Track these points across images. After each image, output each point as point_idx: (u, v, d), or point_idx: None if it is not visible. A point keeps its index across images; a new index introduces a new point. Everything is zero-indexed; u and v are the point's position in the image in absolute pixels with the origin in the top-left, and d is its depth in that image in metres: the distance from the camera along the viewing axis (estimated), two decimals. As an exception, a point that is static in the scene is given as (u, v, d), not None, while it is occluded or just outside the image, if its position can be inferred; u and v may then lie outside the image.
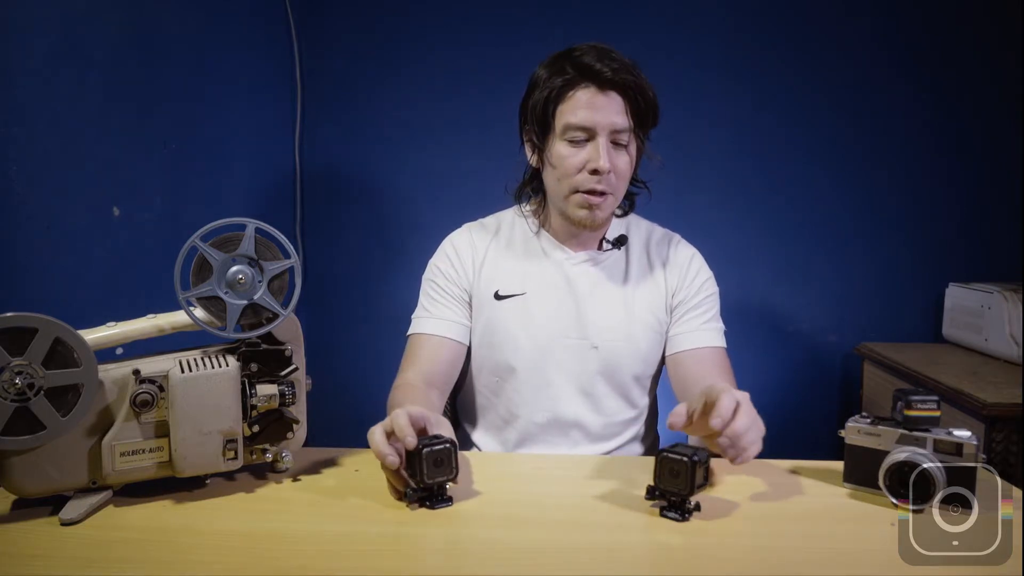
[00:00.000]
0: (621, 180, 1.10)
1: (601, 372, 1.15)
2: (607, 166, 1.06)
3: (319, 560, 0.68)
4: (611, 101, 1.06)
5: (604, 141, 1.06)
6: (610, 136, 1.07)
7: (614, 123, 1.06)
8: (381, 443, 0.80)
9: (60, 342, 0.73)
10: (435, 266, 1.22)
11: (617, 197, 1.12)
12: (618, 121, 1.06)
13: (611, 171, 1.07)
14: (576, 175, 1.08)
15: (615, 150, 1.08)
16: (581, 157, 1.07)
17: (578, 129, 1.07)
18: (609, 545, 0.72)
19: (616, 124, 1.06)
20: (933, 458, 0.77)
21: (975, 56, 1.89)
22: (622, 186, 1.11)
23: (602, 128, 1.06)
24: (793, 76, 1.94)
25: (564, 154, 1.08)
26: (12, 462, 0.75)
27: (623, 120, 1.06)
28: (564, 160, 1.08)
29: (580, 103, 1.06)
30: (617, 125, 1.06)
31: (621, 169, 1.09)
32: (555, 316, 1.15)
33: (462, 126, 1.99)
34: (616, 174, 1.08)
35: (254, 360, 0.84)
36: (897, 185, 1.95)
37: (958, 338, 1.81)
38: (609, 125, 1.06)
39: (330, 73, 2.04)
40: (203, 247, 0.80)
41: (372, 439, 0.82)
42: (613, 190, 1.10)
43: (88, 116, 1.23)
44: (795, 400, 2.01)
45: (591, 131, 1.06)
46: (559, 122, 1.08)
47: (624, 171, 1.09)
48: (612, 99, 1.06)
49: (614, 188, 1.10)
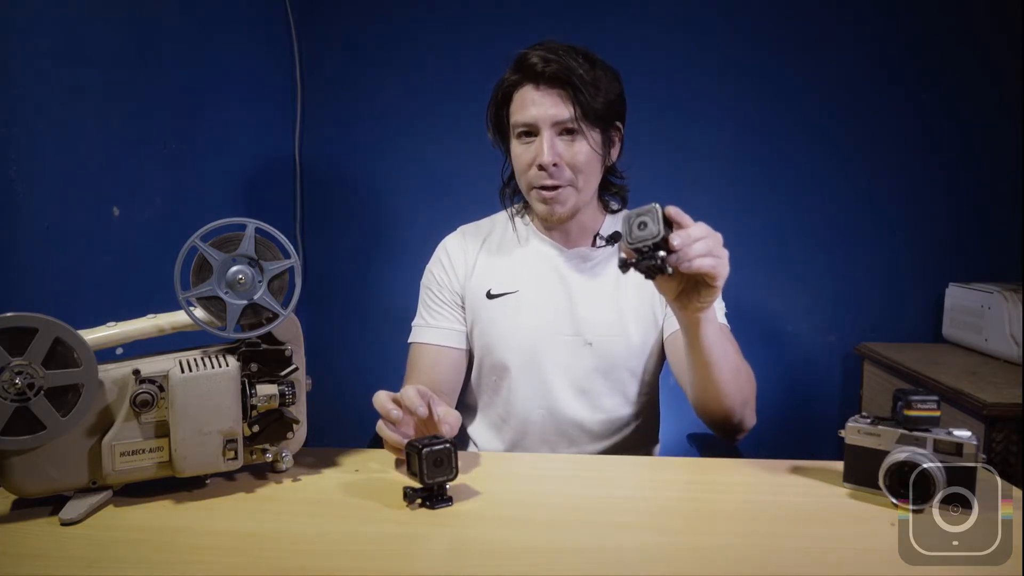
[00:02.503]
0: (579, 171, 1.09)
1: (596, 368, 1.15)
2: (550, 159, 1.07)
3: (319, 560, 0.68)
4: (549, 95, 1.07)
5: (548, 135, 1.07)
6: (554, 128, 1.07)
7: (554, 116, 1.07)
8: (385, 399, 0.86)
9: (60, 342, 0.73)
10: (430, 272, 1.23)
11: (579, 188, 1.11)
12: (558, 113, 1.07)
13: (558, 164, 1.08)
14: (528, 172, 1.11)
15: (565, 142, 1.08)
16: (530, 154, 1.10)
17: (523, 126, 1.10)
18: (609, 545, 0.72)
19: (556, 116, 1.07)
20: (933, 458, 0.77)
21: (975, 56, 1.89)
22: (582, 177, 1.10)
23: (543, 122, 1.07)
24: (793, 76, 1.94)
25: (517, 153, 1.12)
26: (12, 462, 0.75)
27: (564, 111, 1.07)
28: (518, 159, 1.12)
29: (523, 101, 1.09)
30: (558, 117, 1.07)
31: (575, 160, 1.08)
32: (548, 313, 1.16)
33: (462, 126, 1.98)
34: (571, 166, 1.09)
35: (254, 360, 0.84)
36: (897, 185, 1.94)
37: (958, 338, 1.81)
38: (549, 119, 1.07)
39: (330, 73, 2.04)
40: (203, 247, 0.80)
41: (377, 399, 0.87)
42: (568, 182, 1.10)
43: (88, 116, 1.23)
44: (795, 400, 2.01)
45: (534, 127, 1.09)
46: (511, 123, 1.12)
47: (580, 162, 1.09)
48: (550, 93, 1.07)
49: (569, 180, 1.10)
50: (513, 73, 1.11)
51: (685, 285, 0.88)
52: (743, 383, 1.01)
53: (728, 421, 1.02)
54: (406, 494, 0.79)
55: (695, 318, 0.91)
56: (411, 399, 0.86)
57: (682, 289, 0.89)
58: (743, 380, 1.01)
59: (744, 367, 1.04)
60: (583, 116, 1.07)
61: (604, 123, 1.10)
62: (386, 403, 0.87)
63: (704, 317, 0.92)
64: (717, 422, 1.03)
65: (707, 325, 0.92)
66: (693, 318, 0.91)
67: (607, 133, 1.12)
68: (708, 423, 1.05)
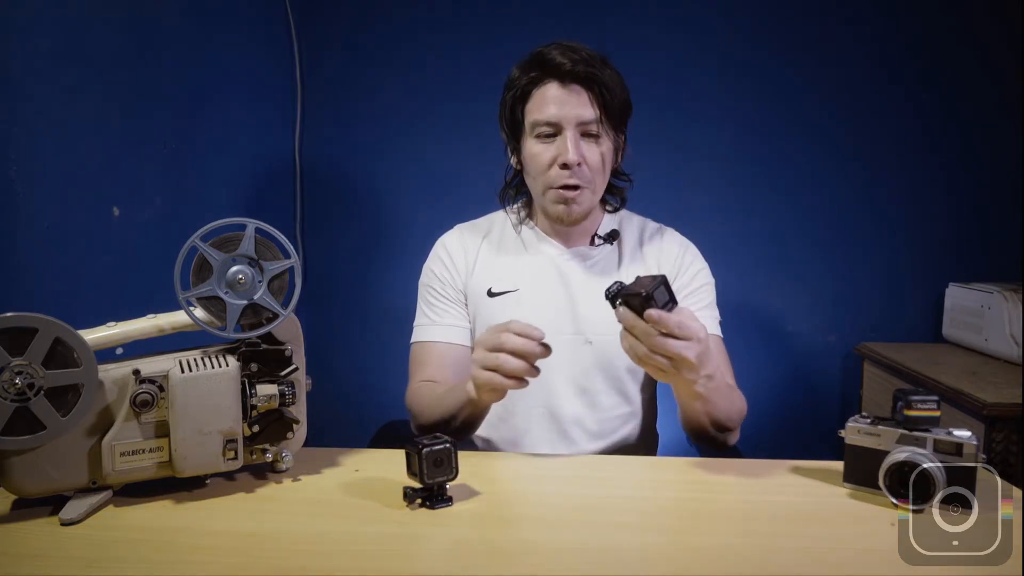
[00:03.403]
0: (596, 173, 1.10)
1: (596, 367, 1.15)
2: (575, 159, 1.06)
3: (319, 560, 0.68)
4: (575, 94, 1.07)
5: (572, 134, 1.07)
6: (578, 129, 1.07)
7: (579, 116, 1.07)
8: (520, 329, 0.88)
9: (60, 342, 0.73)
10: (430, 270, 1.22)
11: (594, 190, 1.11)
12: (584, 113, 1.07)
13: (581, 164, 1.07)
14: (548, 171, 1.10)
15: (586, 143, 1.08)
16: (551, 153, 1.08)
17: (545, 125, 1.08)
18: (609, 545, 0.72)
19: (582, 116, 1.07)
20: (933, 458, 0.77)
21: (975, 56, 1.89)
22: (599, 179, 1.11)
23: (568, 121, 1.07)
24: (793, 76, 1.94)
25: (535, 152, 1.10)
26: (12, 462, 0.75)
27: (589, 112, 1.07)
28: (536, 158, 1.10)
29: (545, 99, 1.08)
30: (583, 117, 1.07)
31: (594, 161, 1.09)
32: (548, 311, 1.16)
33: (462, 126, 1.98)
34: (589, 167, 1.09)
35: (254, 360, 0.84)
36: (897, 185, 1.94)
37: (958, 338, 1.81)
38: (575, 118, 1.07)
39: (330, 73, 2.04)
40: (203, 247, 0.80)
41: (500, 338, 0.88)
42: (587, 183, 1.10)
43: (88, 116, 1.23)
44: (795, 400, 2.01)
45: (557, 126, 1.07)
46: (528, 120, 1.10)
47: (598, 163, 1.09)
48: (576, 92, 1.07)
49: (588, 181, 1.10)
50: (532, 69, 1.09)
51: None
52: (732, 416, 1.02)
53: (710, 443, 1.03)
54: (406, 494, 0.79)
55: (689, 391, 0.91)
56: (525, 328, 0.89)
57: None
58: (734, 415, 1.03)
59: (733, 401, 1.04)
60: (605, 118, 1.07)
61: (620, 125, 1.11)
62: (529, 331, 0.88)
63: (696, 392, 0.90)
64: (698, 440, 1.05)
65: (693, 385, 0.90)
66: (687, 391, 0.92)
67: (619, 135, 1.12)
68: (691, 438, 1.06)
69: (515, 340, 0.89)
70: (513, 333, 0.89)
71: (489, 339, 0.91)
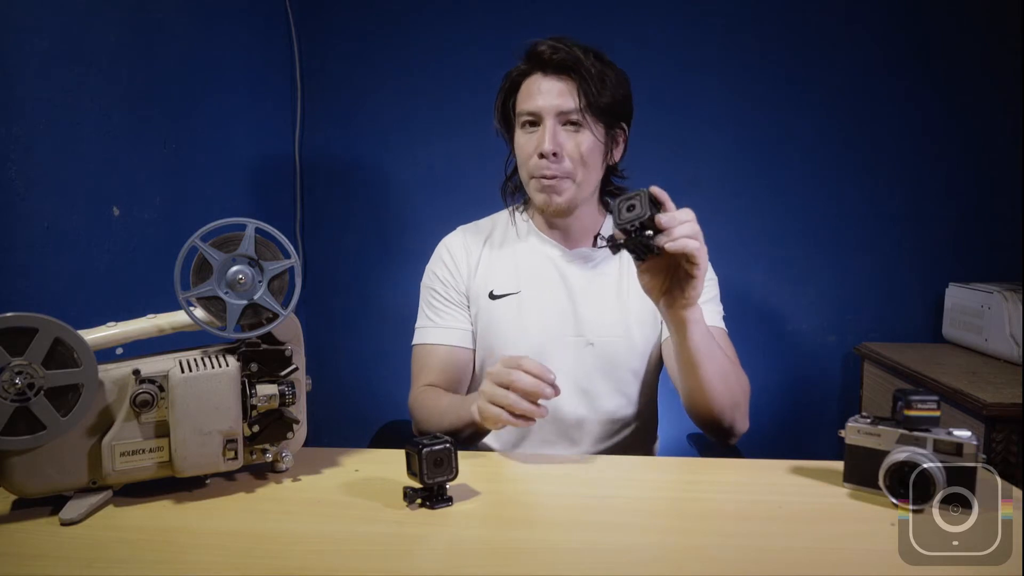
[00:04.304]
0: (577, 164, 1.09)
1: (598, 369, 1.15)
2: (551, 148, 1.07)
3: (319, 560, 0.68)
4: (556, 84, 1.08)
5: (551, 124, 1.07)
6: (558, 119, 1.07)
7: (559, 105, 1.07)
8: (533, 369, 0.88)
9: (60, 342, 0.73)
10: (432, 272, 1.22)
11: (578, 181, 1.11)
12: (563, 103, 1.07)
13: (557, 153, 1.07)
14: (529, 161, 1.11)
15: (566, 133, 1.08)
16: (533, 143, 1.09)
17: (528, 115, 1.10)
18: (609, 545, 0.72)
19: (562, 106, 1.07)
20: (933, 458, 0.77)
21: (975, 56, 1.89)
22: (582, 170, 1.10)
23: (547, 111, 1.07)
24: (793, 76, 1.94)
25: (520, 142, 1.12)
26: (12, 462, 0.75)
27: (570, 102, 1.07)
28: (521, 148, 1.12)
29: (530, 90, 1.10)
30: (563, 107, 1.07)
31: (573, 151, 1.08)
32: (550, 314, 1.16)
33: (463, 126, 1.98)
34: (571, 157, 1.08)
35: (254, 360, 0.84)
36: (897, 185, 1.94)
37: (958, 338, 1.81)
38: (553, 108, 1.07)
39: (330, 73, 2.04)
40: (203, 247, 0.80)
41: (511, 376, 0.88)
42: (567, 174, 1.09)
43: (88, 116, 1.23)
44: (795, 400, 2.01)
45: (537, 115, 1.09)
46: (516, 112, 1.12)
47: (581, 154, 1.08)
48: (557, 82, 1.08)
49: (569, 172, 1.09)
50: (523, 63, 1.11)
51: (669, 283, 0.91)
52: (732, 386, 1.02)
53: (717, 424, 1.03)
54: (406, 494, 0.79)
55: (681, 317, 0.93)
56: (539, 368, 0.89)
57: (667, 288, 0.92)
58: (732, 383, 1.02)
59: (735, 371, 1.04)
60: (587, 108, 1.07)
61: (609, 119, 1.10)
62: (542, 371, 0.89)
63: (690, 317, 0.93)
64: (706, 424, 1.04)
65: (694, 326, 0.94)
66: (679, 317, 0.93)
67: (611, 130, 1.12)
68: (699, 424, 1.05)
69: (526, 380, 0.88)
70: (525, 371, 0.88)
71: (500, 374, 0.90)
